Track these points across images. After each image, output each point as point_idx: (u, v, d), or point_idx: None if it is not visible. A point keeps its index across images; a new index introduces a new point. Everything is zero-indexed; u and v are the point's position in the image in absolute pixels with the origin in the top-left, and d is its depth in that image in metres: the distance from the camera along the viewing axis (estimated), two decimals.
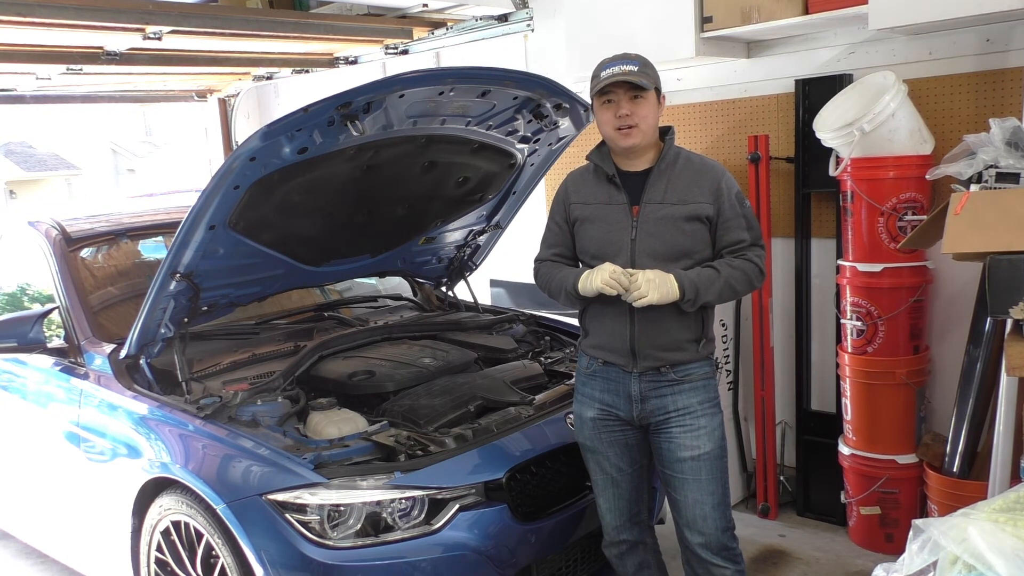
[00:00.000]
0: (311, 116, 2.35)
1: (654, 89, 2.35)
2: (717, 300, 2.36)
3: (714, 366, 2.48)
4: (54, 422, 3.02)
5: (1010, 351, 2.07)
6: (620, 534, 2.54)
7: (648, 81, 2.32)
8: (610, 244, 2.38)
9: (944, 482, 3.08)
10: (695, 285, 2.29)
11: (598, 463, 2.50)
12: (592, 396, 2.47)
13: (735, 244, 2.37)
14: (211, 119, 6.66)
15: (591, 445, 2.49)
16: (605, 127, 2.38)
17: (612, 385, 2.43)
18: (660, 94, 2.39)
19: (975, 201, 2.23)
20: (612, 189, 2.41)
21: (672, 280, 2.27)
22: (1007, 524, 1.36)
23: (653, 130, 2.38)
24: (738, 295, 2.42)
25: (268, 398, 2.59)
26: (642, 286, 2.24)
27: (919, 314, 3.31)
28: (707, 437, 2.37)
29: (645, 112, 2.33)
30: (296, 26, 4.49)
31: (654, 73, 2.38)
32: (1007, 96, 3.14)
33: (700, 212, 2.35)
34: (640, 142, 2.35)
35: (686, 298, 2.28)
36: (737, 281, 2.34)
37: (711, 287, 2.31)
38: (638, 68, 2.32)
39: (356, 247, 3.27)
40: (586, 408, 2.49)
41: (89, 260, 3.32)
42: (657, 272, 2.27)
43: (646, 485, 2.56)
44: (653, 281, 2.25)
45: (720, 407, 2.46)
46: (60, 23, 3.79)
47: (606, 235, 2.40)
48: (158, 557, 2.62)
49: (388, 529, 2.28)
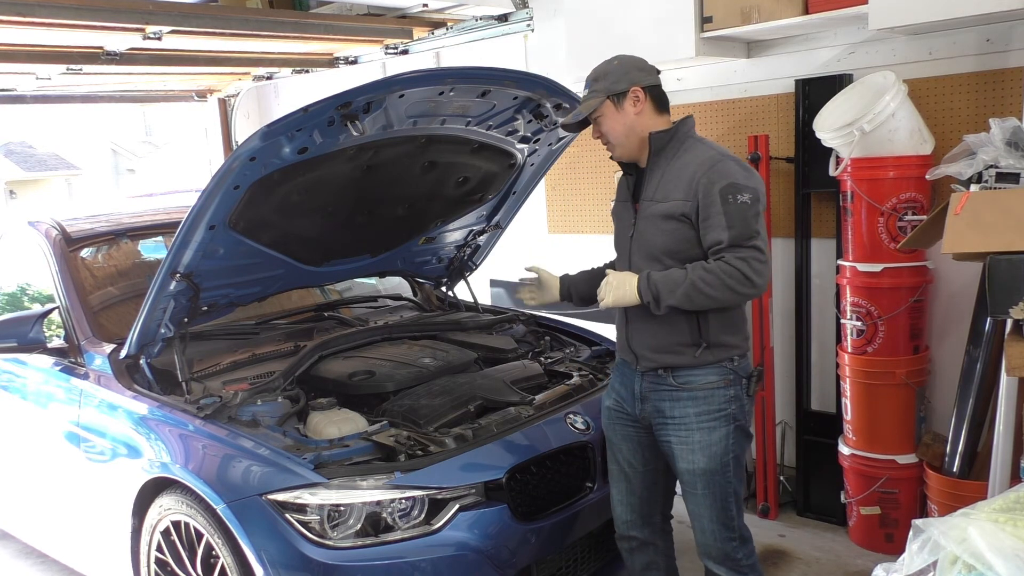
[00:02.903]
0: (311, 116, 2.35)
1: (608, 98, 2.32)
2: (687, 304, 2.19)
3: (727, 375, 2.30)
4: (54, 422, 3.02)
5: (1010, 351, 2.07)
6: (630, 530, 2.54)
7: (591, 103, 2.34)
8: (619, 241, 2.47)
9: (944, 482, 3.08)
10: (654, 287, 2.20)
11: (612, 453, 2.55)
12: (613, 387, 2.55)
13: (712, 246, 2.20)
14: (211, 119, 6.67)
15: (608, 435, 2.56)
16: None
17: (624, 379, 2.49)
18: (620, 97, 2.31)
19: (975, 201, 2.23)
20: (627, 187, 2.47)
21: (632, 282, 2.24)
22: (1007, 524, 1.36)
23: (626, 135, 2.35)
24: (718, 301, 2.18)
25: (268, 398, 2.59)
26: (602, 288, 2.28)
27: (919, 314, 3.31)
28: (701, 453, 2.30)
29: (607, 127, 2.37)
30: (296, 26, 4.49)
31: (605, 82, 2.32)
32: (1007, 96, 3.14)
33: (674, 210, 2.24)
34: (621, 154, 2.40)
35: (644, 300, 2.22)
36: (709, 285, 2.14)
37: (674, 290, 2.17)
38: (589, 90, 2.36)
39: (356, 247, 3.27)
40: (607, 397, 2.57)
41: (89, 260, 3.32)
42: (621, 274, 2.29)
43: (662, 489, 2.55)
44: (611, 283, 2.27)
45: (727, 419, 2.30)
46: (60, 23, 3.79)
47: (618, 232, 2.48)
48: (158, 557, 2.62)
49: (388, 529, 2.28)
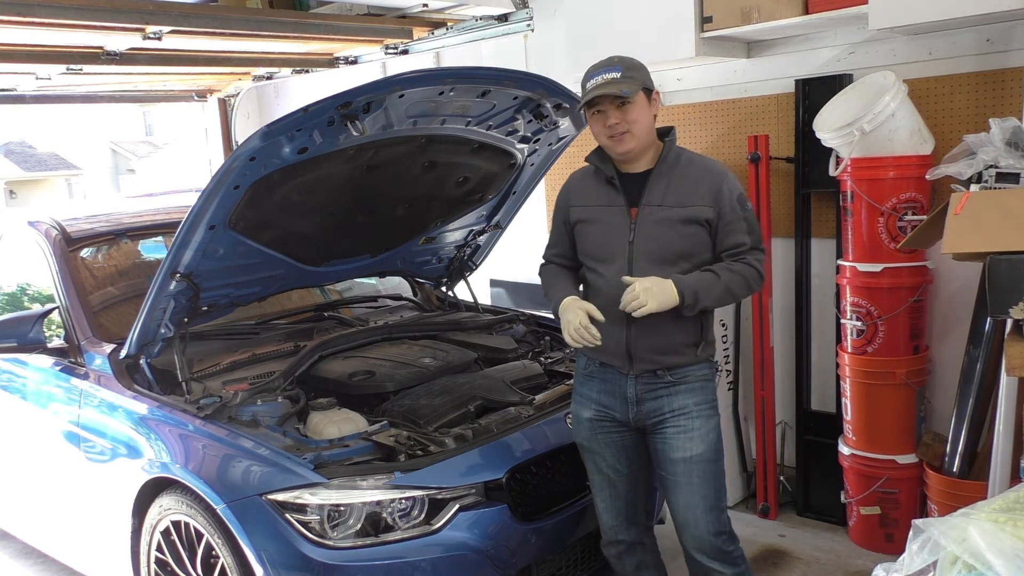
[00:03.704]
0: (311, 116, 2.35)
1: (643, 90, 2.31)
2: (716, 304, 2.33)
3: (713, 368, 2.45)
4: (54, 422, 3.02)
5: (1010, 351, 2.07)
6: (617, 534, 2.53)
7: (632, 86, 2.27)
8: (608, 246, 2.37)
9: (944, 482, 3.08)
10: (694, 290, 2.25)
11: (595, 463, 2.50)
12: (589, 397, 2.47)
13: (735, 248, 2.33)
14: (211, 119, 6.67)
15: (588, 445, 2.49)
16: (599, 136, 2.37)
17: (609, 387, 2.42)
18: (651, 92, 2.35)
19: (975, 201, 2.23)
20: (611, 191, 2.39)
21: (671, 286, 2.23)
22: (1007, 524, 1.36)
23: (648, 131, 2.35)
24: (736, 299, 2.40)
25: (268, 398, 2.59)
26: (640, 295, 2.20)
27: (919, 314, 3.31)
28: (700, 440, 2.35)
29: (635, 116, 2.29)
30: (296, 26, 4.49)
31: (641, 74, 2.33)
32: (1007, 96, 3.14)
33: (699, 215, 2.31)
34: (635, 146, 2.33)
35: (685, 303, 2.25)
36: (736, 286, 2.31)
37: (710, 292, 2.28)
38: (621, 74, 2.27)
39: (356, 247, 3.27)
40: (583, 409, 2.48)
41: (89, 260, 3.31)
42: (654, 279, 2.23)
43: (643, 486, 2.56)
44: (651, 290, 2.21)
45: (717, 410, 2.42)
46: (60, 23, 3.79)
47: (605, 237, 2.39)
48: (158, 557, 2.62)
49: (388, 529, 2.28)
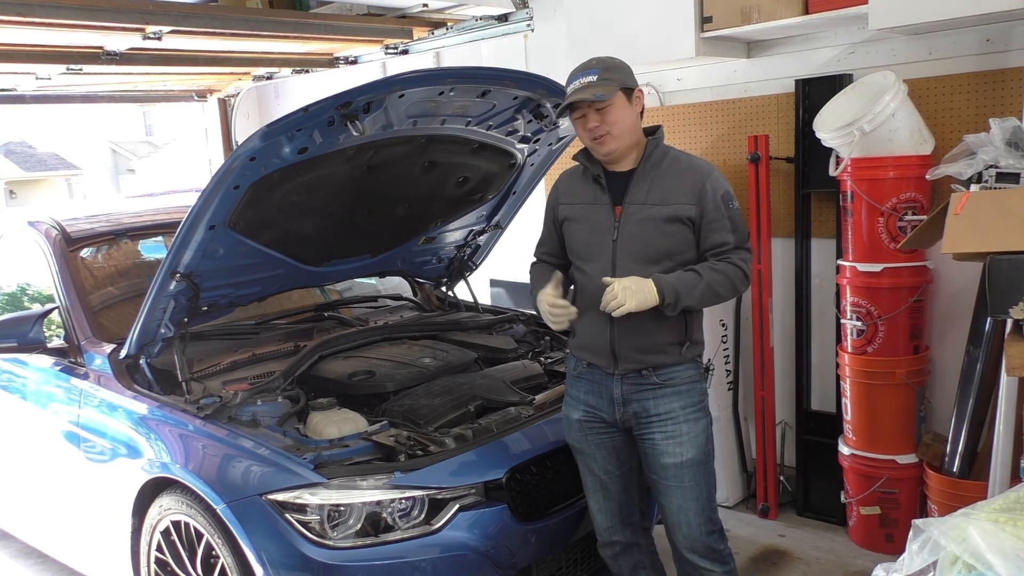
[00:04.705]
0: (311, 116, 2.35)
1: (623, 89, 2.30)
2: (699, 304, 2.31)
3: (701, 369, 2.43)
4: (54, 422, 3.02)
5: (1010, 351, 2.07)
6: (612, 535, 2.54)
7: (608, 88, 2.26)
8: (593, 245, 2.38)
9: (944, 482, 3.08)
10: (675, 289, 2.24)
11: (586, 464, 2.50)
12: (578, 398, 2.48)
13: (719, 247, 2.32)
14: (211, 119, 6.67)
15: (579, 447, 2.50)
16: (582, 138, 2.38)
17: (596, 387, 2.42)
18: (633, 91, 2.34)
19: (975, 201, 2.23)
20: (597, 190, 2.40)
21: (650, 285, 2.23)
22: (1007, 524, 1.36)
23: (631, 131, 2.34)
24: (721, 299, 2.34)
25: (268, 398, 2.59)
26: (619, 294, 2.20)
27: (919, 314, 3.31)
28: (689, 444, 2.35)
29: (614, 118, 2.29)
30: (296, 26, 4.48)
31: (620, 74, 2.31)
32: (1007, 96, 3.14)
33: (681, 213, 2.30)
34: (617, 147, 2.33)
35: (666, 303, 2.24)
36: (720, 285, 2.28)
37: (692, 291, 2.26)
38: (598, 76, 2.27)
39: (356, 247, 3.27)
40: (573, 410, 2.49)
41: (89, 260, 3.31)
42: (634, 279, 2.23)
43: (637, 487, 2.55)
44: (629, 288, 2.21)
45: (706, 411, 2.42)
46: (60, 23, 3.79)
47: (589, 236, 2.40)
48: (158, 557, 2.62)
49: (388, 529, 2.28)
